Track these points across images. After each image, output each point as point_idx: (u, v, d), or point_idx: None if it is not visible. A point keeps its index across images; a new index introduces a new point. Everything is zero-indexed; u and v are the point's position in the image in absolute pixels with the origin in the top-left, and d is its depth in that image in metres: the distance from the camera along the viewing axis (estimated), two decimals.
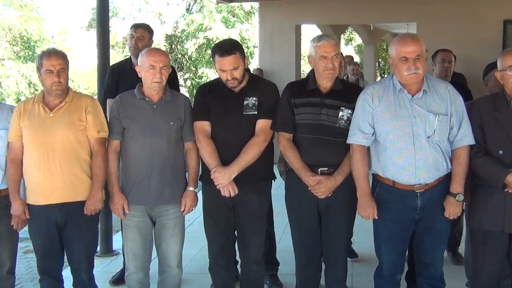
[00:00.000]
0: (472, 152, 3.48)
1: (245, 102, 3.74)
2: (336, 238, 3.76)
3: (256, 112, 3.73)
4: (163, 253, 3.89)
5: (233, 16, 22.14)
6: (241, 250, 3.95)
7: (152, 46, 4.78)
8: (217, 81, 3.88)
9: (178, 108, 3.81)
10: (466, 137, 3.46)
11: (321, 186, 3.59)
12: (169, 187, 3.78)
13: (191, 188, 3.84)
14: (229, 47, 3.68)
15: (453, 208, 3.46)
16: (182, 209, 3.83)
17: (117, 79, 4.87)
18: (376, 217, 3.52)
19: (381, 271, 3.65)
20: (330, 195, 3.63)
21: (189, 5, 23.89)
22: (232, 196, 3.70)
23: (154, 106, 3.76)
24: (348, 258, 4.01)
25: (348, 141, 3.58)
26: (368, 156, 3.61)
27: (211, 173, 3.68)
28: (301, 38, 12.37)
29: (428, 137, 3.40)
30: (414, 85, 3.44)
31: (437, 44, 7.65)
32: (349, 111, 3.63)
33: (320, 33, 15.32)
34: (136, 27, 4.88)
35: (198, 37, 21.90)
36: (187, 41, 22.51)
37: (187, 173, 3.91)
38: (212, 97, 3.81)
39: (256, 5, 22.03)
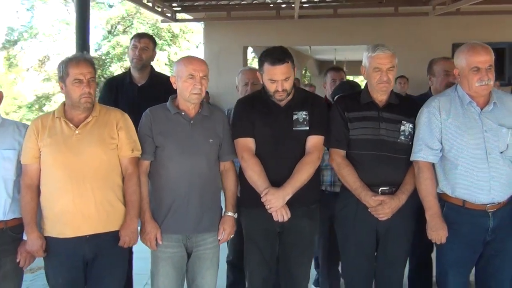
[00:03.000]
0: None
1: (295, 117, 3.39)
2: (394, 265, 3.46)
3: (307, 128, 3.38)
4: None
5: (160, 39, 21.66)
6: (284, 282, 3.54)
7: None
8: (259, 94, 3.51)
9: (216, 124, 3.41)
10: None
11: (385, 207, 3.29)
12: (208, 213, 3.37)
13: (230, 213, 3.43)
14: (282, 55, 3.33)
15: None
16: (219, 237, 3.41)
17: (116, 95, 4.37)
18: (444, 241, 3.25)
19: None
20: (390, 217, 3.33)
21: (111, 26, 23.16)
22: (285, 220, 3.31)
23: (192, 122, 3.34)
24: None
25: (413, 158, 3.31)
26: None
27: (262, 195, 3.28)
28: (247, 59, 12.16)
29: (501, 152, 3.18)
30: (482, 97, 3.23)
31: None
32: (411, 125, 3.37)
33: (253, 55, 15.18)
34: (140, 36, 4.42)
35: (125, 60, 21.23)
36: (112, 64, 21.76)
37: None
38: (256, 111, 3.43)
39: (186, 27, 21.79)
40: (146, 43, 4.37)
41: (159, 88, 4.38)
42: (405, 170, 3.38)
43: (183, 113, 3.34)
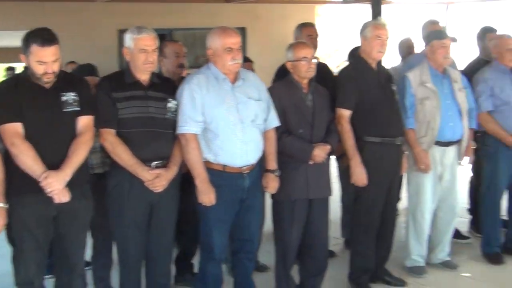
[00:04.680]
0: (278, 133, 3.91)
1: (64, 98, 3.36)
2: (166, 230, 3.74)
3: (78, 108, 3.39)
4: None
5: None
6: (60, 263, 3.55)
7: None
8: (22, 76, 3.38)
9: None
10: (274, 120, 3.88)
11: (162, 179, 3.53)
12: None
13: (1, 205, 3.25)
14: (51, 36, 3.27)
15: (274, 183, 3.85)
16: None
17: None
18: (214, 202, 3.64)
19: (213, 254, 3.74)
20: None
21: None
22: (66, 201, 3.28)
23: None
24: None
25: (179, 131, 3.60)
26: None
27: (41, 179, 3.19)
28: None
29: (252, 121, 3.70)
30: (232, 74, 3.70)
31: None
32: (175, 102, 3.65)
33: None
34: None
35: None
36: None
37: None
38: (22, 94, 3.29)
39: None
40: None
41: None
42: (173, 144, 3.66)
43: None
